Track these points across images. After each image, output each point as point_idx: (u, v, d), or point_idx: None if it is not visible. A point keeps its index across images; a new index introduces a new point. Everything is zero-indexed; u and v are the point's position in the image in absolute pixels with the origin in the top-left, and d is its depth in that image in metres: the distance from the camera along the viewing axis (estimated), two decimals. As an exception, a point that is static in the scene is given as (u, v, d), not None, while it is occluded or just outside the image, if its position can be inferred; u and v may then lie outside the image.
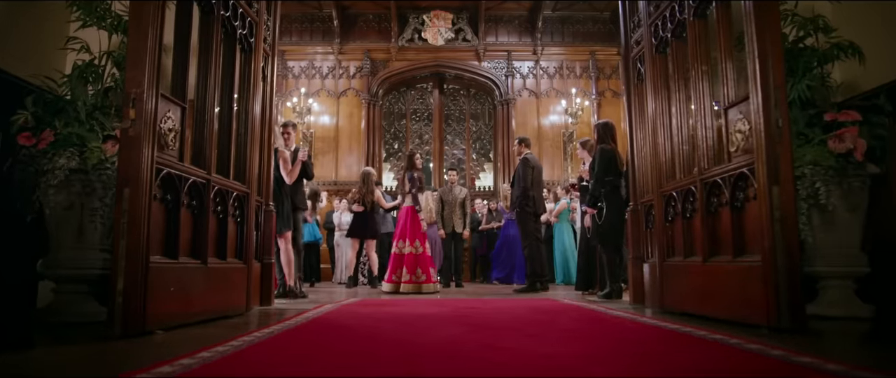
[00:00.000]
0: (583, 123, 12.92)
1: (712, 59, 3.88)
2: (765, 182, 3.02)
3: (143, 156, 2.96)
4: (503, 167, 13.05)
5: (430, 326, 3.26)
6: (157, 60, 3.05)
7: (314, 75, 13.18)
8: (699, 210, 3.80)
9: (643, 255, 4.99)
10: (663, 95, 4.53)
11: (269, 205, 5.02)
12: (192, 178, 3.48)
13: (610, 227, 5.87)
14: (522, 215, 7.26)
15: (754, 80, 3.12)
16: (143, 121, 2.96)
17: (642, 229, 5.03)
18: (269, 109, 5.08)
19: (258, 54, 4.66)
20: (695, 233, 3.96)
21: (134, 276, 2.87)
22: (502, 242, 10.30)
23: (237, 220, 4.23)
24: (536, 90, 13.29)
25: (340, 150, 13.00)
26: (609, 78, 13.28)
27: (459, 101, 14.01)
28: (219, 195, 3.89)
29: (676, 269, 4.16)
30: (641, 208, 5.03)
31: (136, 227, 2.90)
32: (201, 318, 3.54)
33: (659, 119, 4.53)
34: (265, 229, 4.96)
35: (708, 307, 3.63)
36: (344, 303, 5.07)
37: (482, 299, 5.82)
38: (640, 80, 5.09)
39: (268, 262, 4.94)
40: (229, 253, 4.07)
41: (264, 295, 4.89)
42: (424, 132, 13.86)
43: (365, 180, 8.77)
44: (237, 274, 4.16)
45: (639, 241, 5.04)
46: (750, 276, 3.15)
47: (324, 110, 13.08)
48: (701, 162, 3.78)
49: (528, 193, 7.24)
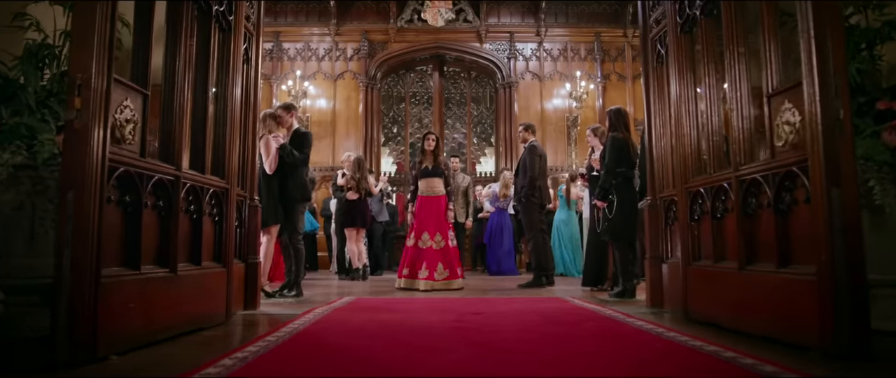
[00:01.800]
0: (587, 108, 12.42)
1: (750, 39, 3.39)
2: (822, 183, 2.54)
3: (92, 152, 2.48)
4: (505, 152, 12.56)
5: (430, 347, 2.80)
6: (108, 39, 2.56)
7: (310, 57, 12.62)
8: (734, 211, 3.33)
9: (662, 255, 4.53)
10: (689, 80, 4.04)
11: (253, 199, 4.55)
12: (157, 176, 3.00)
13: (622, 222, 5.41)
14: (528, 206, 6.79)
15: (809, 64, 2.63)
16: (90, 111, 2.48)
17: (661, 226, 4.56)
18: (253, 95, 4.59)
19: (239, 34, 4.16)
20: (727, 236, 3.49)
21: (81, 293, 2.41)
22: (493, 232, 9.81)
23: (215, 219, 3.76)
24: (540, 73, 12.75)
25: (338, 135, 12.49)
26: (614, 60, 12.74)
27: (460, 85, 13.48)
28: (191, 193, 3.42)
29: (704, 274, 3.70)
30: (661, 203, 4.56)
31: (82, 235, 2.43)
32: (171, 333, 3.09)
33: (683, 106, 4.05)
34: (250, 226, 4.50)
35: (744, 321, 3.18)
36: (336, 306, 4.62)
37: (487, 299, 5.37)
38: (661, 62, 4.59)
39: (253, 262, 4.48)
40: (205, 256, 3.61)
41: (249, 298, 4.44)
42: (424, 116, 13.34)
43: (359, 166, 8.36)
44: (214, 279, 3.70)
45: (657, 239, 4.58)
46: (800, 292, 2.69)
47: (320, 94, 12.55)
48: (737, 156, 3.30)
49: (535, 183, 6.79)
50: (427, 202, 6.64)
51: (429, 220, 6.55)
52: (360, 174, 8.26)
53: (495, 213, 9.79)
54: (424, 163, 6.78)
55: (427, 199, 6.65)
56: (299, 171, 5.66)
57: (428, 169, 6.72)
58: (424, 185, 6.70)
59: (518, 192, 6.90)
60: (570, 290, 6.28)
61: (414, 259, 6.46)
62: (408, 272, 6.47)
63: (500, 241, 9.66)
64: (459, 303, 4.95)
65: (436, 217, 6.57)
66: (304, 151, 5.67)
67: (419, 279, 6.36)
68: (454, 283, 6.42)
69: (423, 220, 6.57)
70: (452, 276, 6.44)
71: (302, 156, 5.63)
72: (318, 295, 5.78)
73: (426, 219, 6.56)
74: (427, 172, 6.71)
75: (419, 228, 6.54)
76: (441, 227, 6.54)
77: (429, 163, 6.75)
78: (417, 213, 6.63)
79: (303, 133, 5.78)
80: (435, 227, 6.51)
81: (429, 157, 6.78)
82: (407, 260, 6.53)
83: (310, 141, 5.79)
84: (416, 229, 6.55)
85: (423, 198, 6.66)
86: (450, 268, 6.43)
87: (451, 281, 6.42)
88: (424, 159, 6.81)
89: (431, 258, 6.39)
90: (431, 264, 6.35)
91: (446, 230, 6.56)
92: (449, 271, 6.41)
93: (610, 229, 5.47)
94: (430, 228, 6.50)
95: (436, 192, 6.67)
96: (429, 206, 6.61)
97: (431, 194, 6.66)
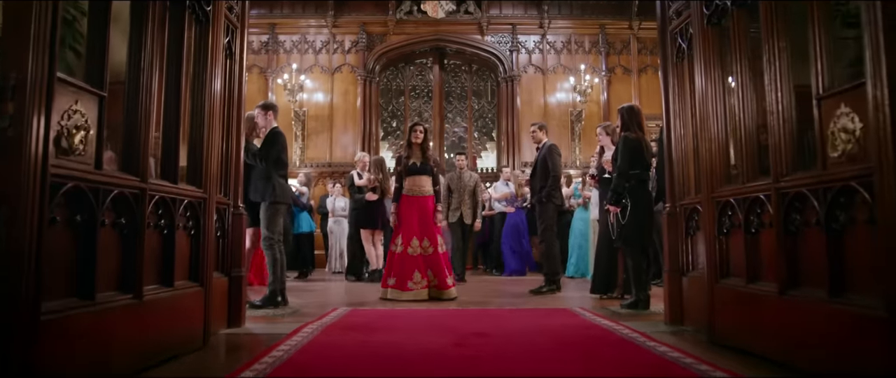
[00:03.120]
0: (592, 102, 12.00)
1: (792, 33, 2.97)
2: (893, 202, 2.13)
3: (29, 165, 2.07)
4: (507, 147, 12.15)
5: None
6: (49, 30, 2.14)
7: (307, 50, 12.18)
8: (772, 227, 2.92)
9: (682, 267, 4.13)
10: (716, 77, 3.62)
11: (237, 207, 4.15)
12: (116, 190, 2.59)
13: (636, 228, 5.00)
14: (547, 207, 6.38)
15: (876, 62, 2.20)
16: (27, 117, 2.07)
17: (681, 236, 4.16)
18: (237, 92, 4.17)
19: (218, 26, 3.73)
20: (763, 254, 3.09)
21: (11, 334, 2.01)
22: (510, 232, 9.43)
23: (190, 233, 3.35)
24: (543, 66, 12.32)
25: (335, 130, 12.08)
26: (619, 53, 12.30)
27: (461, 78, 13.04)
28: (161, 206, 3.01)
29: (736, 295, 3.29)
30: (681, 211, 4.15)
31: (15, 265, 2.02)
32: (136, 367, 2.69)
33: (711, 106, 3.63)
34: (234, 236, 4.10)
35: (786, 353, 2.77)
36: (328, 322, 4.22)
37: (490, 313, 4.97)
38: (682, 57, 4.17)
39: (237, 276, 4.08)
40: (179, 274, 3.20)
41: (233, 314, 4.04)
42: (424, 110, 12.92)
43: (381, 167, 8.12)
44: (190, 300, 3.29)
45: (677, 250, 4.18)
46: (862, 329, 2.28)
47: (317, 87, 12.11)
48: (777, 166, 2.89)
49: (558, 184, 6.44)
50: (412, 203, 5.89)
51: (414, 223, 5.83)
52: (382, 175, 8.03)
53: (514, 213, 9.42)
54: (411, 158, 5.99)
55: (413, 199, 5.90)
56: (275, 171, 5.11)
57: (415, 165, 5.95)
58: (410, 183, 5.93)
59: (537, 192, 6.48)
60: (579, 299, 5.88)
61: (401, 267, 5.73)
62: (394, 282, 5.74)
63: (519, 241, 9.29)
64: (461, 319, 4.54)
65: (422, 220, 5.86)
66: (271, 153, 5.06)
67: (407, 289, 5.66)
68: (445, 294, 5.76)
69: (408, 223, 5.84)
70: (442, 285, 5.78)
71: (271, 157, 5.05)
72: (311, 305, 5.38)
73: (411, 222, 5.84)
74: (414, 169, 5.94)
75: (406, 233, 5.82)
76: (428, 231, 5.85)
77: (416, 158, 5.98)
78: (402, 215, 5.89)
79: (272, 133, 5.21)
80: (422, 231, 5.82)
81: (416, 152, 6.01)
82: (393, 268, 5.79)
83: (280, 142, 5.19)
84: (403, 234, 5.83)
85: (408, 198, 5.91)
86: (439, 276, 5.78)
87: (442, 291, 5.77)
88: (411, 154, 6.01)
89: (420, 266, 5.72)
90: (420, 273, 5.70)
91: (435, 234, 5.89)
92: (439, 280, 5.78)
93: (622, 235, 5.07)
94: (416, 232, 5.80)
95: (423, 191, 5.93)
96: (414, 208, 5.87)
97: (418, 194, 5.91)
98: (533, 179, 6.71)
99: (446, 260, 5.99)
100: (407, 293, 5.63)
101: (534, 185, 6.65)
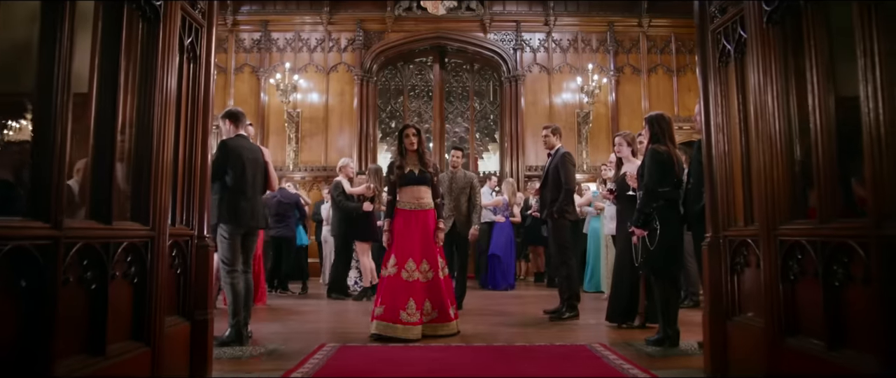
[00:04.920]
0: (599, 103, 11.31)
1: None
2: None
3: None
4: (511, 149, 11.46)
5: None
6: None
7: (301, 48, 11.46)
8: (871, 284, 2.24)
9: (727, 310, 3.45)
10: (778, 86, 2.93)
11: (203, 237, 3.46)
12: (10, 244, 1.91)
13: (665, 255, 4.31)
14: (561, 224, 5.69)
15: None
16: None
17: (724, 272, 3.48)
18: (202, 101, 3.48)
19: (171, 24, 3.03)
20: (852, 314, 2.40)
21: None
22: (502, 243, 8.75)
23: (133, 282, 2.67)
24: (548, 65, 11.60)
25: (330, 132, 11.39)
26: (629, 52, 11.59)
27: (462, 77, 12.34)
28: (87, 255, 2.32)
29: (812, 361, 2.61)
30: (725, 243, 3.47)
31: None
32: None
33: (772, 120, 2.94)
34: (198, 272, 3.41)
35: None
36: (313, 373, 3.55)
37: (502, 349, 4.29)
38: (726, 60, 3.49)
39: (201, 320, 3.40)
40: (115, 335, 2.51)
41: (196, 363, 3.35)
42: (424, 110, 12.23)
43: (380, 177, 7.43)
44: (131, 366, 2.61)
45: (719, 289, 3.49)
46: None
47: (311, 87, 11.40)
48: (881, 205, 2.20)
49: (571, 197, 5.77)
50: (410, 218, 4.84)
51: (413, 243, 4.78)
52: (380, 184, 7.36)
53: (505, 224, 8.73)
54: (406, 166, 4.93)
55: (411, 213, 4.84)
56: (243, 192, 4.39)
57: (412, 174, 4.90)
58: (407, 195, 4.88)
59: (547, 205, 5.80)
60: (595, 328, 5.22)
61: (392, 294, 4.65)
62: (384, 312, 4.62)
63: (509, 254, 8.62)
64: (469, 364, 3.86)
65: (423, 238, 4.82)
66: (213, 169, 3.95)
67: (401, 323, 4.56)
68: (444, 329, 4.80)
69: (405, 242, 4.79)
70: (443, 317, 4.80)
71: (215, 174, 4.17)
72: (294, 337, 4.70)
73: (410, 241, 4.78)
74: (411, 179, 4.89)
75: (401, 254, 4.75)
76: (429, 253, 4.82)
77: (412, 166, 4.94)
78: (398, 233, 4.83)
79: (219, 145, 4.44)
80: (421, 253, 4.78)
81: (411, 159, 4.96)
82: (385, 296, 4.69)
83: (221, 155, 4.34)
84: (398, 254, 4.76)
85: (406, 212, 4.86)
86: (440, 307, 4.80)
87: (440, 325, 4.79)
88: (405, 162, 4.96)
89: (417, 294, 4.67)
90: (416, 303, 4.64)
91: (436, 256, 4.85)
92: (439, 312, 4.79)
93: (649, 262, 4.39)
94: (415, 253, 4.75)
95: (422, 204, 4.88)
96: (413, 224, 4.82)
97: (416, 208, 4.86)
98: (543, 190, 6.01)
99: (449, 286, 5.03)
100: (398, 327, 4.55)
101: (544, 197, 5.96)
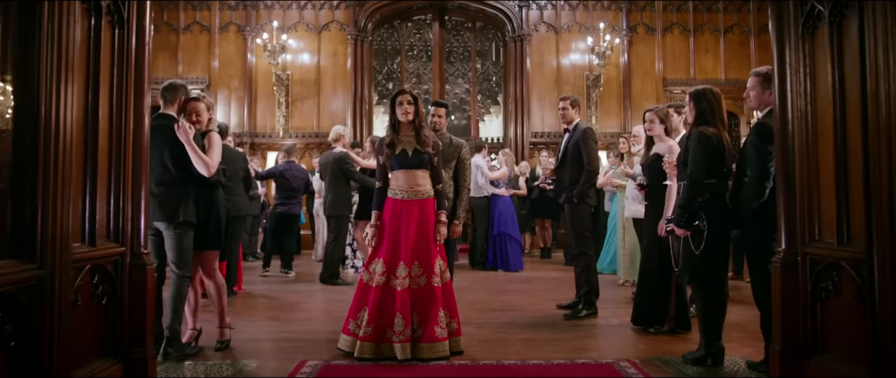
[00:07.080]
0: (611, 65, 10.37)
1: None
2: None
3: None
4: (515, 112, 10.56)
5: None
6: None
7: (290, 6, 10.45)
8: None
9: (806, 348, 2.68)
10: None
11: (137, 253, 2.66)
12: None
13: (710, 259, 3.52)
14: (582, 209, 4.88)
15: None
16: None
17: (802, 298, 2.70)
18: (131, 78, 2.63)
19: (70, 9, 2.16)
20: None
21: None
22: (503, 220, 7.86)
23: (9, 344, 1.88)
24: (556, 24, 10.62)
25: (323, 95, 10.50)
26: (643, 10, 10.60)
27: (464, 37, 11.36)
28: None
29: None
30: (804, 262, 2.68)
31: None
32: None
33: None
34: (133, 300, 2.63)
35: None
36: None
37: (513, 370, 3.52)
38: (814, 27, 2.64)
39: (138, 358, 2.64)
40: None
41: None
42: (422, 72, 11.30)
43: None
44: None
45: (795, 321, 2.73)
46: None
47: (302, 48, 10.45)
48: None
49: (594, 179, 4.97)
50: (403, 210, 3.70)
51: (406, 240, 3.66)
52: None
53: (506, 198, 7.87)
54: (398, 145, 3.75)
55: (404, 204, 3.70)
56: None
57: (405, 155, 3.72)
58: (400, 181, 3.73)
59: (566, 187, 4.97)
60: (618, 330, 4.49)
61: (379, 308, 3.58)
62: (369, 329, 3.55)
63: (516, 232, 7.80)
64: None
65: (417, 235, 3.67)
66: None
67: (389, 342, 3.54)
68: (431, 351, 3.55)
69: (395, 239, 3.69)
70: (428, 337, 3.57)
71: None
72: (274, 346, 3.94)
73: (402, 238, 3.68)
74: (404, 161, 3.71)
75: (390, 254, 3.66)
76: (423, 253, 3.67)
77: (406, 144, 3.73)
78: (387, 227, 3.71)
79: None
80: (414, 253, 3.65)
81: (405, 134, 3.75)
82: (370, 307, 3.59)
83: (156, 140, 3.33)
84: (386, 256, 3.66)
85: (398, 202, 3.71)
86: (425, 323, 3.61)
87: (424, 346, 3.56)
88: (398, 138, 3.76)
89: (404, 307, 3.57)
90: (404, 319, 3.54)
91: (434, 258, 3.68)
92: (423, 329, 3.60)
93: (691, 268, 3.61)
94: (405, 254, 3.64)
95: (418, 193, 3.71)
96: (406, 217, 3.68)
97: (410, 197, 3.70)
98: (560, 171, 5.18)
99: (448, 295, 3.75)
100: (384, 347, 3.55)
101: (562, 179, 5.12)
